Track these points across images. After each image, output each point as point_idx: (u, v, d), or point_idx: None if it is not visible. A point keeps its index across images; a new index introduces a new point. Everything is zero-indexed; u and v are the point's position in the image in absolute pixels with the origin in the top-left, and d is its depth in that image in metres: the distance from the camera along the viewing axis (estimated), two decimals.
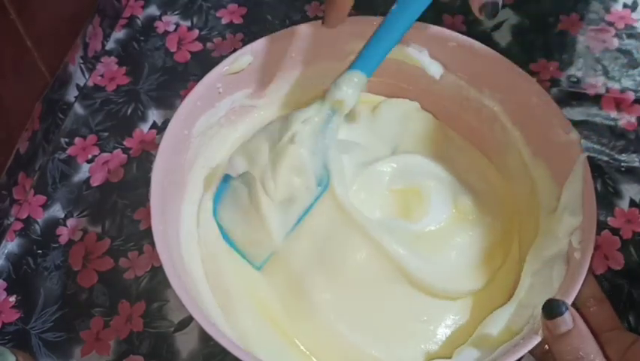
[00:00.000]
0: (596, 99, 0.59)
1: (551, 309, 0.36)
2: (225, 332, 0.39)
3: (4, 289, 0.51)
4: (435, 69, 0.49)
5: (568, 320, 0.36)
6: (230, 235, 0.45)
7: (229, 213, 0.46)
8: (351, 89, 0.43)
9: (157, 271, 0.51)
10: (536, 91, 0.45)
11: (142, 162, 0.57)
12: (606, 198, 0.54)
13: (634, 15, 0.64)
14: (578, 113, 0.58)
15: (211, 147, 0.48)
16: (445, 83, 0.49)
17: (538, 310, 0.38)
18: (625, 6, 0.64)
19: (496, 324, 0.41)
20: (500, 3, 0.39)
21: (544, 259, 0.42)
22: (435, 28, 0.48)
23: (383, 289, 0.43)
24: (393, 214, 0.46)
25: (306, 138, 0.43)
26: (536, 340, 0.36)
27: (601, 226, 0.52)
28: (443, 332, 0.44)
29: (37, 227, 0.54)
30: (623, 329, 0.41)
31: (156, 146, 0.43)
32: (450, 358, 0.41)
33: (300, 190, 0.43)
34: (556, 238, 0.42)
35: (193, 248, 0.45)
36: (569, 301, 0.37)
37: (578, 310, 0.37)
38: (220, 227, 0.46)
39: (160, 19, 0.65)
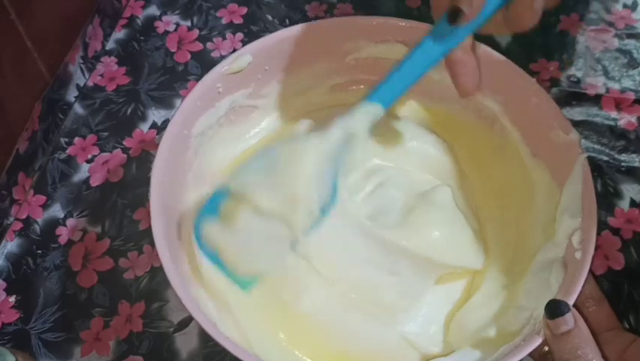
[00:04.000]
0: (596, 99, 0.59)
1: (553, 309, 0.36)
2: (225, 332, 0.39)
3: (4, 290, 0.51)
4: (434, 70, 0.48)
5: (569, 320, 0.36)
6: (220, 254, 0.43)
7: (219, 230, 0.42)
8: (363, 119, 0.41)
9: (157, 272, 0.51)
10: (536, 91, 0.45)
11: (142, 162, 0.57)
12: (606, 199, 0.54)
13: (634, 15, 0.64)
14: (577, 113, 0.58)
15: (211, 147, 0.48)
16: (444, 84, 0.49)
17: (538, 312, 0.38)
18: (625, 6, 0.64)
19: (494, 326, 0.42)
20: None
21: (543, 260, 0.42)
22: None
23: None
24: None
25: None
26: (537, 341, 0.36)
27: (601, 226, 0.52)
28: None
29: (36, 227, 0.54)
30: (622, 329, 0.41)
31: (156, 146, 0.43)
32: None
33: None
34: (555, 240, 0.42)
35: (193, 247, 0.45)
36: (570, 301, 0.37)
37: (576, 309, 0.37)
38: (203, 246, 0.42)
39: (160, 19, 0.65)
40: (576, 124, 0.57)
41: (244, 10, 0.66)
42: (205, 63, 0.62)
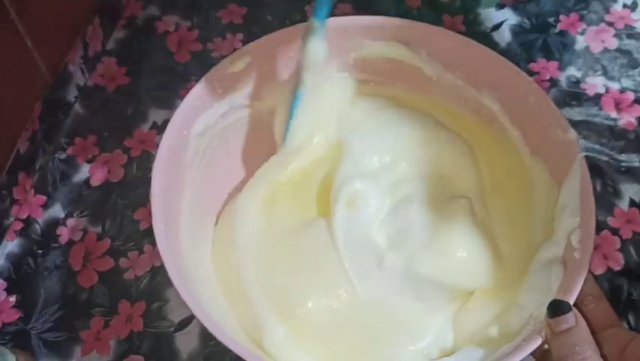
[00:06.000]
0: (596, 99, 0.59)
1: (555, 308, 0.36)
2: (226, 330, 0.39)
3: (5, 289, 0.51)
4: (433, 69, 0.49)
5: (570, 318, 0.36)
6: None
7: None
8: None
9: (157, 271, 0.51)
10: (534, 90, 0.45)
11: (142, 162, 0.57)
12: (606, 198, 0.54)
13: (633, 15, 0.64)
14: (577, 113, 0.58)
15: (210, 147, 0.48)
16: (443, 83, 0.49)
17: (538, 312, 0.38)
18: (625, 6, 0.64)
19: (496, 325, 0.42)
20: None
21: (542, 259, 0.42)
22: (434, 28, 0.48)
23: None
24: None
25: None
26: (538, 341, 0.36)
27: (600, 226, 0.52)
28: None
29: (37, 227, 0.54)
30: (622, 327, 0.41)
31: (156, 146, 0.43)
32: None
33: None
34: (554, 239, 0.42)
35: (193, 247, 0.45)
36: (570, 301, 0.37)
37: (576, 308, 0.37)
38: None
39: (160, 20, 0.65)
40: (576, 124, 0.57)
41: (244, 10, 0.66)
42: (205, 63, 0.62)
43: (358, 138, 0.48)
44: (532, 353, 0.37)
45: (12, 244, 0.53)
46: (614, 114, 0.58)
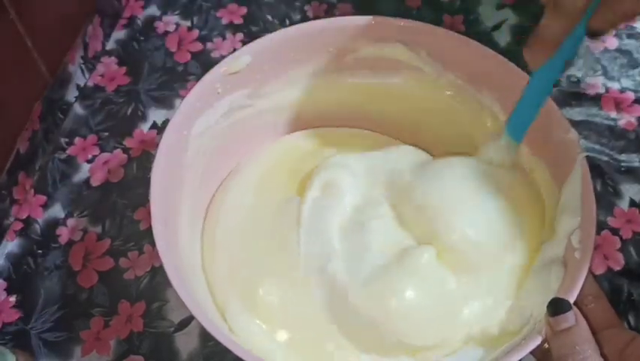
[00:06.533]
0: (596, 99, 0.59)
1: (556, 307, 0.36)
2: (226, 331, 0.39)
3: (4, 289, 0.51)
4: (433, 69, 0.49)
5: (570, 317, 0.36)
6: None
7: None
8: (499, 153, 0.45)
9: (157, 271, 0.51)
10: None
11: (142, 162, 0.57)
12: (606, 198, 0.54)
13: None
14: (577, 113, 0.58)
15: (210, 147, 0.48)
16: (443, 83, 0.49)
17: (538, 311, 0.38)
18: None
19: (495, 324, 0.42)
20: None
21: (543, 259, 0.42)
22: (434, 28, 0.48)
23: None
24: None
25: None
26: (538, 340, 0.36)
27: (601, 225, 0.52)
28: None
29: (37, 227, 0.54)
30: (622, 327, 0.41)
31: (156, 146, 0.43)
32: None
33: None
34: (555, 239, 0.42)
35: (192, 247, 0.45)
36: (571, 300, 0.37)
37: (576, 307, 0.37)
38: None
39: (160, 20, 0.65)
40: (576, 124, 0.57)
41: (244, 10, 0.66)
42: (205, 63, 0.62)
43: (384, 172, 0.47)
44: (532, 353, 0.37)
45: (12, 244, 0.53)
46: (614, 114, 0.58)
